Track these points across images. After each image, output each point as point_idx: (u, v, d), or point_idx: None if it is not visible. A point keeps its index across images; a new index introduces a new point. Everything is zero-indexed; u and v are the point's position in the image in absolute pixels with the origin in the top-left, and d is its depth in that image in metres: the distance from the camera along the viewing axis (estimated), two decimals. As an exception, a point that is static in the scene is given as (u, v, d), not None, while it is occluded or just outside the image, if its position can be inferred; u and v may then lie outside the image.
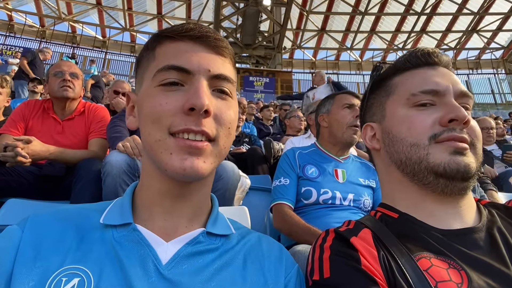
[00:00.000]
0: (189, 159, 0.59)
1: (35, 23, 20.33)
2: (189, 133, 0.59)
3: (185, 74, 0.62)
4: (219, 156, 0.65)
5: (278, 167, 1.86)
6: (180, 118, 0.60)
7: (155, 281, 0.57)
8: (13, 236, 0.59)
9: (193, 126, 0.59)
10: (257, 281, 0.64)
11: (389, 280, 0.61)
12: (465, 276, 0.60)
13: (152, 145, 0.61)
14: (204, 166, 0.60)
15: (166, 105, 0.60)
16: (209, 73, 0.63)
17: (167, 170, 0.60)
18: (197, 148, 0.59)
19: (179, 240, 0.64)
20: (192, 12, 21.34)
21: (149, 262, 0.59)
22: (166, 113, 0.60)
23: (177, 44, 0.65)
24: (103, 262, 0.58)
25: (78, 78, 2.37)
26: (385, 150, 0.79)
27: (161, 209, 0.66)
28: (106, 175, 1.74)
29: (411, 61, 0.78)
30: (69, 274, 0.55)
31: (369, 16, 21.58)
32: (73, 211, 0.67)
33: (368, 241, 0.68)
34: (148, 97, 0.63)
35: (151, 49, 0.67)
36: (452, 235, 0.67)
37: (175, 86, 0.62)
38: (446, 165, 0.67)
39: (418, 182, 0.72)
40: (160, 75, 0.62)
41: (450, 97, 0.72)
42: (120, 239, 0.62)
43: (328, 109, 1.90)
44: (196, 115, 0.59)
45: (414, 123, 0.72)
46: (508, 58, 22.41)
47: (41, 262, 0.56)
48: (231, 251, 0.68)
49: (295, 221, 1.57)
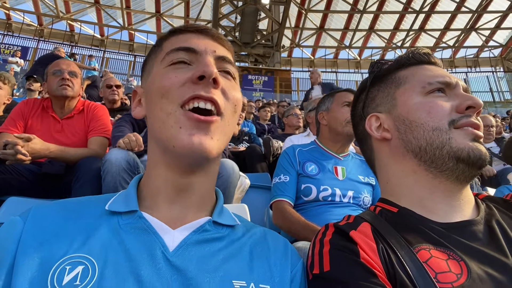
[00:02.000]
0: (197, 134, 0.60)
1: (33, 22, 20.27)
2: (199, 101, 0.61)
3: (193, 54, 0.66)
4: (225, 134, 0.66)
5: (278, 164, 1.86)
6: (189, 87, 0.62)
7: (162, 268, 0.57)
8: (15, 227, 0.59)
9: (202, 92, 0.61)
10: (264, 274, 0.64)
11: (388, 272, 0.62)
12: (464, 267, 0.60)
13: (164, 119, 0.62)
14: (211, 143, 0.61)
15: (176, 78, 0.63)
16: (215, 53, 0.68)
17: (175, 146, 0.60)
18: (206, 122, 0.61)
19: (186, 227, 0.64)
20: (191, 11, 21.31)
21: (156, 249, 0.58)
22: (176, 84, 0.62)
23: (183, 35, 0.70)
24: (108, 250, 0.57)
25: (77, 77, 2.37)
26: (399, 138, 0.78)
27: (166, 199, 0.66)
28: (106, 173, 1.75)
29: (415, 58, 0.83)
30: (73, 262, 0.54)
31: (368, 15, 21.58)
32: (76, 202, 0.67)
33: (367, 234, 0.69)
34: (158, 76, 0.66)
35: (158, 46, 0.72)
36: (451, 227, 0.68)
37: (184, 64, 0.66)
38: (471, 150, 0.69)
39: (434, 169, 0.72)
40: (169, 56, 0.66)
41: (460, 89, 0.76)
42: (125, 226, 0.61)
43: (328, 107, 1.91)
44: (205, 83, 0.62)
45: (434, 108, 0.73)
46: (507, 56, 22.46)
47: (43, 252, 0.55)
48: (237, 242, 0.68)
49: (294, 218, 1.57)
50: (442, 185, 0.73)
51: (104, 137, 2.32)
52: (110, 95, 3.99)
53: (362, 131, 0.90)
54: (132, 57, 20.74)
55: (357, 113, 0.93)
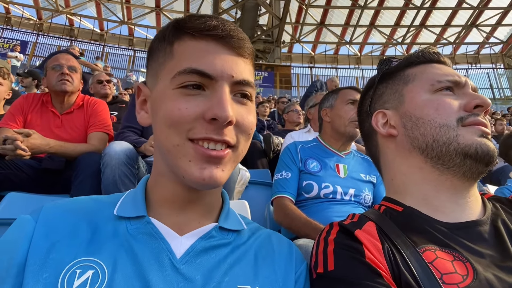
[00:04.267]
0: (208, 168, 0.58)
1: (32, 16, 20.16)
2: (209, 143, 0.58)
3: (207, 79, 0.59)
4: (236, 161, 0.64)
5: (280, 160, 1.86)
6: (201, 126, 0.57)
7: (169, 275, 0.57)
8: (26, 227, 0.59)
9: (214, 135, 0.57)
10: (268, 277, 0.64)
11: (393, 272, 0.62)
12: (470, 268, 0.60)
13: (170, 149, 0.59)
14: (223, 175, 0.60)
15: (186, 110, 0.57)
16: (232, 79, 0.60)
17: (185, 178, 0.59)
18: (217, 158, 0.58)
19: (193, 234, 0.64)
20: (191, 5, 21.20)
21: (163, 256, 0.59)
22: (186, 119, 0.57)
23: (198, 43, 0.61)
24: (117, 255, 0.57)
25: (77, 72, 2.35)
26: (406, 135, 0.78)
27: (174, 208, 0.65)
28: (105, 166, 1.76)
29: (425, 56, 0.83)
30: (83, 266, 0.55)
31: (369, 10, 21.50)
32: (86, 203, 0.67)
33: (373, 233, 0.68)
34: (166, 99, 0.60)
35: (169, 43, 0.63)
36: (457, 228, 0.68)
37: (196, 90, 0.59)
38: (478, 146, 0.69)
39: (441, 166, 0.72)
40: (180, 77, 0.59)
41: (468, 88, 0.76)
42: (134, 231, 0.61)
43: (332, 104, 1.90)
44: (218, 124, 0.57)
45: (442, 105, 0.73)
46: (507, 52, 22.42)
47: (54, 254, 0.55)
48: (243, 247, 0.68)
49: (296, 215, 1.57)
50: (449, 182, 0.72)
51: (103, 133, 2.32)
52: (101, 90, 4.08)
53: (368, 128, 0.90)
54: (132, 51, 20.68)
55: (364, 109, 0.93)
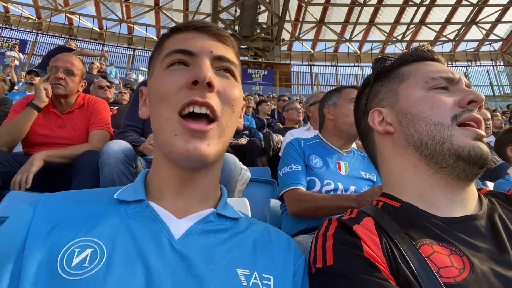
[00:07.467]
0: (192, 142, 0.61)
1: (31, 15, 20.12)
2: (194, 107, 0.62)
3: (189, 55, 0.67)
4: (223, 137, 0.67)
5: (285, 154, 1.85)
6: (185, 93, 0.63)
7: (168, 254, 0.59)
8: (25, 215, 0.60)
9: (197, 97, 0.62)
10: (267, 265, 0.66)
11: (391, 266, 0.62)
12: (467, 262, 0.61)
13: (162, 124, 0.64)
14: (208, 149, 0.62)
15: (172, 83, 0.64)
16: (211, 54, 0.68)
17: (172, 152, 0.62)
18: (201, 132, 0.62)
19: (191, 218, 0.66)
20: (190, 4, 21.16)
21: (162, 236, 0.60)
22: (173, 90, 0.64)
23: (183, 34, 0.71)
24: (116, 235, 0.59)
25: (74, 75, 2.33)
26: (401, 132, 0.79)
27: (172, 191, 0.68)
28: (103, 165, 1.77)
29: (418, 54, 0.84)
30: (82, 245, 0.56)
31: (368, 8, 21.45)
32: (85, 192, 0.70)
33: (371, 228, 0.69)
34: (157, 80, 0.67)
35: (160, 44, 0.74)
36: (453, 222, 0.69)
37: (180, 65, 0.67)
38: (472, 149, 0.69)
39: (435, 164, 0.73)
40: (167, 58, 0.67)
41: (462, 84, 0.77)
42: (133, 215, 0.63)
43: (335, 102, 1.90)
44: (200, 88, 0.63)
45: (437, 102, 0.74)
46: (507, 50, 22.38)
47: (53, 236, 0.57)
48: (241, 235, 0.70)
49: (319, 196, 1.56)
50: (443, 181, 0.73)
51: (104, 130, 2.34)
52: (103, 94, 4.41)
53: (364, 126, 0.91)
54: (131, 50, 20.65)
55: (360, 108, 0.94)
